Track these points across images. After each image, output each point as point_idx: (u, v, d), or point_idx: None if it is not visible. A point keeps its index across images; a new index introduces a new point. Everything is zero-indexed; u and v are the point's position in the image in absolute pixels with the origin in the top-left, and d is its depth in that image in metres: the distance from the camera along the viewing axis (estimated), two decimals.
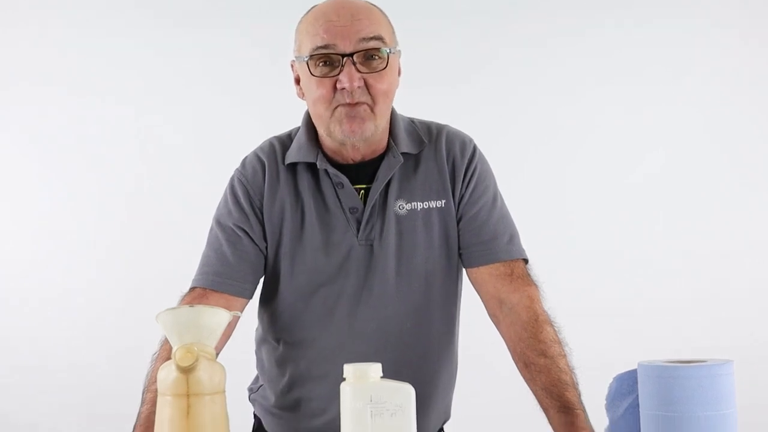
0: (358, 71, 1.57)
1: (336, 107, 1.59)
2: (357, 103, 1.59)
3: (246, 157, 1.74)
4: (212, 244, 1.70)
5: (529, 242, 1.75)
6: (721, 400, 1.29)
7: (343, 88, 1.57)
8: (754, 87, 3.62)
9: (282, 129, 1.79)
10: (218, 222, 1.71)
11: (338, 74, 1.58)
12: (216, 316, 1.29)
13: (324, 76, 1.59)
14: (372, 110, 1.60)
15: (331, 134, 1.63)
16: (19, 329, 3.52)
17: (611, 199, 3.58)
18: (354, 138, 1.61)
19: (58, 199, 3.59)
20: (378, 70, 1.59)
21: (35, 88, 3.60)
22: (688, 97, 3.61)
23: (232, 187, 1.72)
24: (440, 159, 1.71)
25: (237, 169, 1.74)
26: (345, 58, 1.57)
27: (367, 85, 1.59)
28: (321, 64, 1.59)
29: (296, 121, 1.76)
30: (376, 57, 1.59)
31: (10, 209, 3.60)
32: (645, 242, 3.56)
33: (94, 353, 3.50)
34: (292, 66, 1.69)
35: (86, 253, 3.56)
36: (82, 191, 3.58)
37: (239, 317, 1.59)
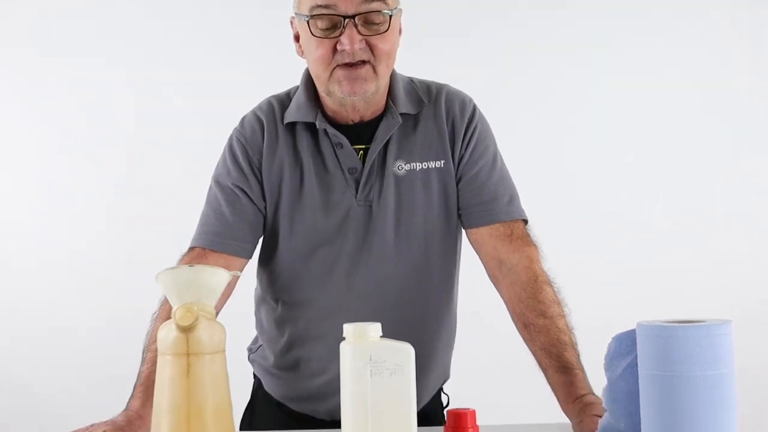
0: (360, 33, 1.56)
1: (335, 68, 1.58)
2: (359, 64, 1.57)
3: (244, 117, 1.73)
4: (211, 203, 1.70)
5: (528, 203, 1.74)
6: (719, 359, 1.29)
7: (344, 50, 1.56)
8: (754, 49, 3.60)
9: (281, 88, 1.77)
10: (217, 181, 1.71)
11: (339, 35, 1.56)
12: (215, 276, 1.29)
13: (325, 37, 1.57)
14: (374, 70, 1.59)
15: (331, 94, 1.62)
16: (18, 291, 3.53)
17: (612, 160, 3.57)
18: (354, 98, 1.60)
19: (57, 161, 3.58)
20: (380, 32, 1.58)
21: (32, 50, 3.58)
22: (691, 56, 3.59)
23: (230, 146, 1.71)
24: (440, 119, 1.70)
25: (235, 128, 1.73)
26: (346, 20, 1.55)
27: (369, 45, 1.57)
28: (321, 24, 1.57)
29: (295, 80, 1.74)
30: (378, 18, 1.58)
31: (9, 172, 3.59)
32: (645, 203, 3.56)
33: (93, 315, 3.50)
34: (291, 22, 1.67)
35: (85, 214, 3.56)
36: (81, 152, 3.57)
37: (239, 277, 1.59)
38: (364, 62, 1.58)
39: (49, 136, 3.59)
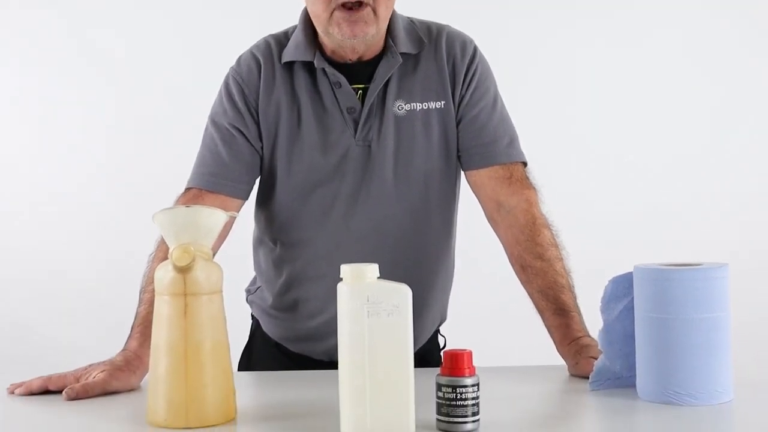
0: None
1: (333, 9, 1.56)
2: (359, 5, 1.55)
3: (241, 56, 1.71)
4: (207, 143, 1.69)
5: (527, 146, 1.73)
6: (715, 302, 1.30)
7: None
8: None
9: (278, 28, 1.75)
10: (213, 121, 1.69)
11: None
12: (212, 216, 1.28)
13: None
14: (375, 13, 1.57)
15: (330, 35, 1.60)
16: (14, 234, 3.53)
17: (611, 103, 3.56)
18: (354, 41, 1.58)
19: (51, 103, 3.55)
20: None
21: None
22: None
23: (226, 85, 1.69)
24: (440, 59, 1.68)
25: (232, 67, 1.71)
26: None
27: None
28: None
29: (293, 20, 1.72)
30: None
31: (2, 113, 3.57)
32: (644, 147, 3.56)
33: (92, 257, 3.51)
34: None
35: (81, 154, 3.55)
36: (74, 92, 3.55)
37: (236, 217, 1.58)
38: (363, 3, 1.56)
39: (44, 70, 3.55)
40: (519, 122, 1.75)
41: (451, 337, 1.82)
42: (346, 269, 1.16)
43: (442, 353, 1.51)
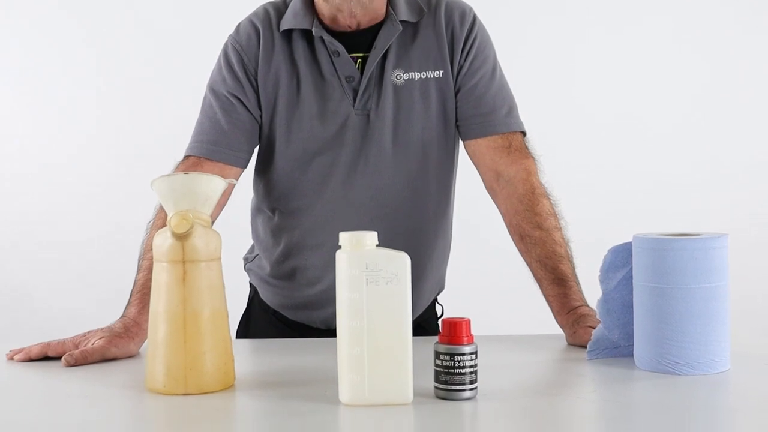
0: None
1: None
2: None
3: (240, 23, 1.70)
4: (206, 111, 1.68)
5: (526, 115, 1.73)
6: (714, 272, 1.30)
7: None
8: None
9: None
10: (212, 89, 1.68)
11: None
12: (211, 183, 1.28)
13: None
14: None
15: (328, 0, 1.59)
16: (12, 203, 3.52)
17: (611, 73, 3.54)
18: (351, 3, 1.57)
19: (49, 64, 3.53)
20: None
21: None
22: None
23: (225, 53, 1.68)
24: (439, 28, 1.67)
25: (231, 35, 1.70)
26: None
27: None
28: None
29: None
30: None
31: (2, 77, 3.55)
32: (644, 115, 3.54)
33: (88, 225, 3.51)
34: None
35: (80, 121, 3.53)
36: (71, 56, 3.52)
37: (234, 185, 1.58)
38: None
39: (41, 32, 3.52)
40: (518, 92, 1.74)
41: (449, 306, 1.82)
42: (344, 236, 1.16)
43: (440, 321, 1.52)
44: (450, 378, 1.17)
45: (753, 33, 3.55)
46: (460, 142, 1.73)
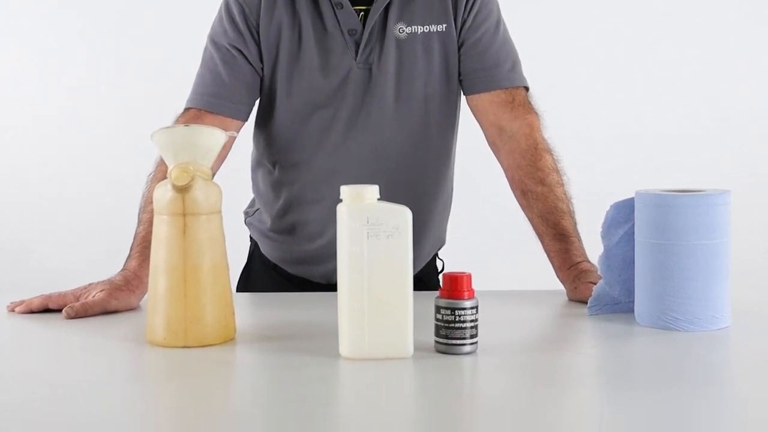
0: None
1: None
2: None
3: None
4: (207, 63, 1.66)
5: (529, 70, 1.71)
6: (715, 229, 1.30)
7: None
8: None
9: None
10: (213, 41, 1.67)
11: None
12: (212, 136, 1.27)
13: None
14: None
15: None
16: (11, 158, 3.52)
17: (615, 27, 3.51)
18: None
19: (50, 23, 3.50)
20: None
21: None
22: None
23: (227, 4, 1.66)
24: None
25: None
26: None
27: None
28: None
29: None
30: None
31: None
32: (647, 69, 3.51)
33: (88, 179, 3.50)
34: None
35: (79, 76, 3.51)
36: (69, 14, 3.50)
37: (235, 137, 1.57)
38: None
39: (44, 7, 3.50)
40: (521, 47, 1.73)
41: (450, 261, 1.82)
42: (345, 190, 1.15)
43: (440, 276, 1.52)
44: (450, 332, 1.17)
45: None
46: (462, 97, 1.72)
